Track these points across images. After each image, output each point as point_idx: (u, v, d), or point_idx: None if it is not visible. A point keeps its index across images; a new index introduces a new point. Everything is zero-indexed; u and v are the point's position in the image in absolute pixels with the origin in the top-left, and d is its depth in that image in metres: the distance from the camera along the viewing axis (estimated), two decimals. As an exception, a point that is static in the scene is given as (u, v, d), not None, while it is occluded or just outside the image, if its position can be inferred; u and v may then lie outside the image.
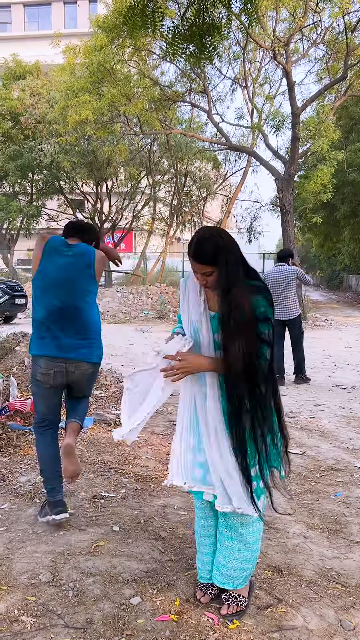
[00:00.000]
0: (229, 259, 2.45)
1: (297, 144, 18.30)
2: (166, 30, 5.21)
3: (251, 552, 2.65)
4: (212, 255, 2.43)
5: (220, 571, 2.66)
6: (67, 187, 28.21)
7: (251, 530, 2.63)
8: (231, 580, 2.65)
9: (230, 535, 2.64)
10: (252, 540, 2.64)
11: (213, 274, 2.47)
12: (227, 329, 2.43)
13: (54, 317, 3.36)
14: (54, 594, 2.72)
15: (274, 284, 8.18)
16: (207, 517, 2.74)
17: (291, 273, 8.14)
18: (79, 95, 17.97)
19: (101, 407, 6.21)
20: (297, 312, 8.38)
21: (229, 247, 2.47)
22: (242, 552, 2.63)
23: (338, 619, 2.59)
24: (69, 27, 38.27)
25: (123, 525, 3.48)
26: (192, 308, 2.61)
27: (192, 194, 29.92)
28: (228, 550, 2.64)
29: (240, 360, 2.37)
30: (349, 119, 24.05)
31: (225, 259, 2.44)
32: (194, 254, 2.47)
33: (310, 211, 22.35)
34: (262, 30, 17.54)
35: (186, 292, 2.66)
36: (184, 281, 2.70)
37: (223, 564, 2.65)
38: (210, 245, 2.44)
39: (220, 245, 2.44)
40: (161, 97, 19.36)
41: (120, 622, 2.51)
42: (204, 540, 2.77)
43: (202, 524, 2.77)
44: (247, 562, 2.65)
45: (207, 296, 2.60)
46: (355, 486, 4.26)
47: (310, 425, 6.01)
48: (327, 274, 51.63)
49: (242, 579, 2.66)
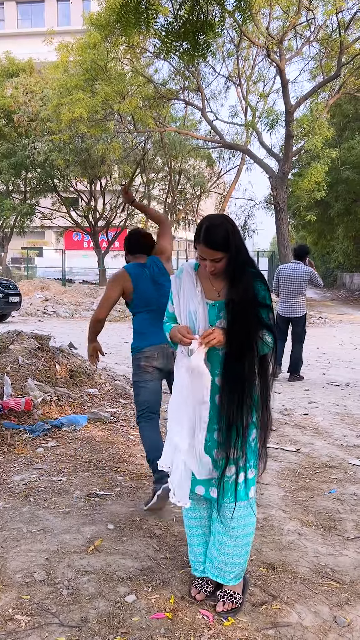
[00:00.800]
0: (238, 245, 2.50)
1: (290, 142, 18.34)
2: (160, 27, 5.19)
3: (241, 547, 2.65)
4: (223, 241, 2.46)
5: (213, 564, 2.68)
6: (61, 185, 28.18)
7: (242, 524, 2.63)
8: (223, 574, 2.65)
9: (220, 530, 2.65)
10: (241, 535, 2.64)
11: (222, 260, 2.50)
12: (235, 313, 2.47)
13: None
14: (49, 592, 2.71)
15: (287, 281, 8.17)
16: (199, 508, 2.74)
17: (306, 274, 8.12)
18: (73, 92, 17.95)
19: (95, 405, 6.21)
20: (304, 311, 8.40)
21: (238, 234, 2.52)
22: (231, 548, 2.63)
23: (333, 616, 2.60)
24: (62, 25, 38.20)
25: (118, 523, 3.48)
26: (189, 299, 2.61)
27: (186, 192, 29.96)
28: (219, 544, 2.65)
29: (241, 341, 2.45)
30: (342, 117, 24.14)
31: (235, 245, 2.48)
32: (205, 240, 2.47)
33: (304, 209, 22.42)
34: (256, 28, 17.57)
35: (180, 284, 2.66)
36: (176, 276, 2.71)
37: (215, 556, 2.67)
38: (221, 231, 2.46)
39: (230, 231, 2.48)
40: (155, 95, 19.36)
41: (115, 620, 2.51)
42: (194, 532, 2.78)
43: (192, 515, 2.77)
44: (238, 556, 2.65)
45: (203, 286, 2.62)
46: (350, 483, 4.27)
47: (304, 423, 6.02)
48: (321, 272, 51.62)
49: (235, 575, 2.66)
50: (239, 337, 2.46)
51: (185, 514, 2.81)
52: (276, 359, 2.69)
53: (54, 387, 6.19)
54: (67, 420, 5.44)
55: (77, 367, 6.96)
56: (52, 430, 5.22)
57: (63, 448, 4.86)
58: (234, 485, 2.57)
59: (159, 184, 29.72)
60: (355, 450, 5.11)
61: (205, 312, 2.58)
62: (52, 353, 6.98)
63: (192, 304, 2.60)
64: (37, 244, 44.90)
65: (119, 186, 27.67)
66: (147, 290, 3.84)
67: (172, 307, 2.73)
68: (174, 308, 2.71)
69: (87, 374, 7.02)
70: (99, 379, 7.08)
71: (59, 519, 3.50)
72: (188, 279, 2.65)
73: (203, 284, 2.63)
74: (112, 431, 5.44)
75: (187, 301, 2.62)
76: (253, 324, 2.47)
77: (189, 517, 2.79)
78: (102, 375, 7.28)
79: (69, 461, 4.55)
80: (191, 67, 19.74)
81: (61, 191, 28.62)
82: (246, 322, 2.46)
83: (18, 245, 39.13)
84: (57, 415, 5.62)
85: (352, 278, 40.58)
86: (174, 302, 2.70)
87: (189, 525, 2.80)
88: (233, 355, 2.48)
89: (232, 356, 2.48)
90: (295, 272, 8.17)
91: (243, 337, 2.46)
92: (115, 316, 18.93)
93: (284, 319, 8.31)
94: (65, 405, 5.91)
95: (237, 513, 2.61)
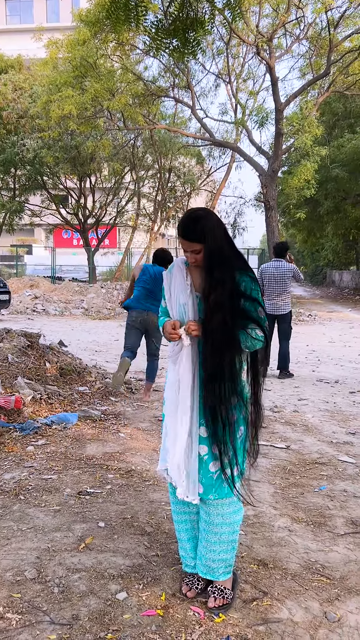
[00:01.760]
0: (216, 235, 2.53)
1: (280, 140, 18.37)
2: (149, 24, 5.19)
3: (227, 543, 2.66)
4: (200, 232, 2.51)
5: (202, 561, 2.69)
6: (51, 183, 28.05)
7: (227, 522, 2.65)
8: (211, 571, 2.67)
9: (205, 528, 2.67)
10: (226, 532, 2.65)
11: (202, 252, 2.54)
12: (207, 303, 2.52)
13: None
14: (40, 590, 2.71)
15: (271, 279, 8.22)
16: (187, 503, 2.73)
17: (289, 271, 8.21)
18: (62, 89, 17.87)
19: (86, 403, 6.20)
20: (289, 308, 8.46)
21: (215, 226, 2.55)
22: (217, 545, 2.65)
23: (323, 611, 2.61)
24: (51, 21, 38.01)
25: (109, 521, 3.47)
26: (179, 292, 2.66)
27: (176, 190, 29.92)
28: (206, 541, 2.67)
29: (218, 332, 2.48)
30: (332, 115, 24.20)
31: (212, 235, 2.52)
32: (182, 232, 2.55)
33: (293, 207, 22.47)
34: (246, 26, 17.57)
35: (171, 279, 2.72)
36: (168, 271, 2.76)
37: (203, 554, 2.68)
38: (197, 223, 2.52)
39: (206, 223, 2.53)
40: (145, 92, 19.31)
41: (107, 617, 2.51)
42: (182, 526, 2.79)
43: (180, 509, 2.78)
44: (224, 552, 2.66)
45: (194, 280, 2.66)
46: (339, 479, 4.30)
47: (294, 420, 6.05)
48: (311, 270, 51.99)
49: (223, 570, 2.67)
50: (214, 330, 2.48)
51: (174, 510, 2.81)
52: (267, 356, 2.71)
53: (44, 385, 6.17)
54: (57, 418, 5.43)
55: (67, 365, 6.94)
56: (42, 429, 5.21)
57: (53, 446, 4.85)
58: (219, 482, 2.58)
59: (149, 182, 29.65)
60: (345, 446, 5.14)
61: (194, 304, 2.62)
62: (42, 351, 6.96)
63: (182, 297, 2.64)
64: (26, 242, 44.70)
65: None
66: (146, 279, 6.47)
67: (164, 302, 2.79)
68: (166, 302, 2.76)
69: (77, 372, 7.00)
70: (89, 377, 7.07)
71: (49, 517, 3.49)
72: (179, 273, 2.69)
73: (193, 277, 2.67)
74: (103, 429, 5.43)
75: (177, 294, 2.67)
76: (230, 317, 2.48)
77: (177, 513, 2.80)
78: (92, 373, 7.27)
79: (59, 459, 4.54)
80: (181, 65, 19.70)
81: (50, 188, 28.48)
82: (221, 315, 2.48)
83: (7, 242, 38.94)
84: (47, 413, 5.61)
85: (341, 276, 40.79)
86: (165, 297, 2.75)
87: (178, 520, 2.81)
88: (209, 348, 2.51)
89: (209, 349, 2.52)
90: (279, 270, 8.24)
91: (218, 329, 2.47)
92: (105, 314, 18.90)
93: (270, 316, 8.34)
94: (56, 403, 5.89)
95: (222, 510, 2.63)
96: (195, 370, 2.59)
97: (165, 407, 2.72)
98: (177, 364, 2.62)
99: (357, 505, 3.82)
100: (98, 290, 22.35)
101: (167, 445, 2.66)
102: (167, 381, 2.75)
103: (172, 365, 2.68)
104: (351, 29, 17.54)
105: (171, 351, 2.67)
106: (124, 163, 26.32)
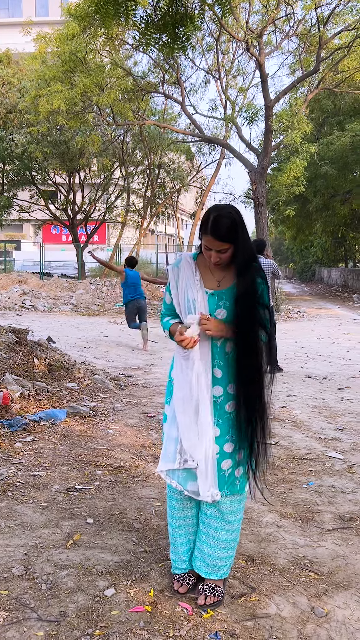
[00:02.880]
0: (245, 236, 2.49)
1: (270, 137, 18.36)
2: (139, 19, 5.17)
3: (235, 540, 2.70)
4: (230, 231, 2.44)
5: (206, 562, 2.67)
6: (39, 178, 27.85)
7: (237, 518, 2.68)
8: (216, 569, 2.67)
9: (217, 526, 2.65)
10: (237, 528, 2.70)
11: (228, 251, 2.48)
12: (243, 304, 2.48)
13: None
14: (27, 587, 2.70)
15: None
16: (184, 507, 2.73)
17: (270, 267, 8.23)
18: (51, 84, 17.74)
19: (74, 399, 6.18)
20: (272, 303, 8.47)
21: (244, 224, 2.49)
22: (227, 542, 2.66)
23: (311, 606, 2.62)
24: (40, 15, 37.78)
25: (97, 517, 3.47)
26: (187, 288, 2.59)
27: (166, 186, 29.85)
28: (215, 540, 2.65)
29: (250, 335, 2.48)
30: (321, 112, 24.24)
31: (242, 235, 2.47)
32: (212, 231, 2.44)
33: (283, 204, 22.49)
34: (235, 22, 17.54)
35: (179, 274, 2.64)
36: (174, 265, 2.68)
37: (209, 554, 2.66)
38: (228, 221, 2.44)
39: (237, 222, 2.46)
40: (134, 88, 19.22)
41: (95, 614, 2.50)
42: (179, 531, 2.76)
43: (177, 514, 2.75)
44: (232, 549, 2.70)
45: (202, 276, 2.61)
46: (327, 475, 4.32)
47: (283, 416, 6.07)
48: (300, 267, 52.13)
49: (227, 568, 2.70)
50: (247, 330, 2.47)
51: (172, 514, 2.78)
52: (270, 355, 2.71)
53: (32, 382, 6.14)
54: (45, 415, 5.41)
55: (55, 362, 6.91)
56: (31, 425, 5.18)
57: (41, 442, 4.83)
58: (231, 479, 2.59)
59: (138, 178, 29.55)
60: (333, 442, 5.16)
61: (204, 300, 2.56)
62: (31, 347, 6.93)
63: (190, 292, 2.58)
64: (14, 237, 44.45)
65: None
66: (130, 280, 10.45)
67: (170, 298, 2.70)
68: (172, 298, 2.68)
69: (65, 368, 6.98)
70: (78, 373, 7.05)
71: (37, 514, 3.48)
72: (187, 267, 2.63)
73: (202, 273, 2.61)
74: (91, 425, 5.42)
75: (185, 290, 2.60)
76: (257, 318, 2.49)
77: (175, 517, 2.76)
78: (80, 369, 7.24)
79: (47, 456, 4.52)
80: (171, 60, 19.63)
81: (39, 184, 28.29)
82: (252, 315, 2.48)
83: (-5, 238, 38.69)
84: (36, 409, 5.58)
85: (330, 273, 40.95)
86: (171, 293, 2.67)
87: (173, 525, 2.77)
88: (243, 349, 2.49)
89: (243, 351, 2.50)
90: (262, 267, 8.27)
91: (250, 329, 2.47)
92: (94, 310, 18.84)
93: None
94: (44, 399, 5.87)
95: (233, 507, 2.64)
96: (209, 367, 2.56)
97: (177, 406, 2.62)
98: (190, 362, 2.55)
99: (345, 500, 3.84)
100: (87, 286, 22.28)
101: (186, 446, 2.57)
102: (175, 379, 2.66)
103: (183, 363, 2.60)
104: (340, 26, 17.56)
105: (181, 349, 2.60)
106: (113, 159, 26.20)
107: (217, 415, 2.56)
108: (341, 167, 22.53)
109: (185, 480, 2.60)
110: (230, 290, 2.55)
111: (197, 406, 2.53)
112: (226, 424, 2.57)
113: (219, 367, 2.56)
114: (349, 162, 22.05)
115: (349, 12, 17.04)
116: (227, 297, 2.55)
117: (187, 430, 2.56)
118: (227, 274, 2.58)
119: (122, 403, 6.38)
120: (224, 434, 2.57)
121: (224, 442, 2.57)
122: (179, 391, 2.61)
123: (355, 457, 4.76)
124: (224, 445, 2.58)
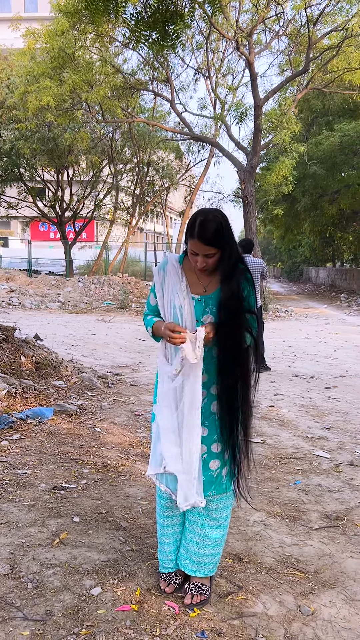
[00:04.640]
0: (231, 240, 2.46)
1: (259, 136, 18.39)
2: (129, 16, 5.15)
3: (222, 535, 2.70)
4: (217, 235, 2.40)
5: (192, 560, 2.67)
6: (27, 175, 27.69)
7: (224, 515, 2.68)
8: (202, 567, 2.66)
9: (202, 523, 2.65)
10: (224, 524, 2.69)
11: (214, 256, 2.45)
12: (229, 309, 2.44)
13: None
14: (13, 586, 2.68)
15: None
16: (172, 508, 2.72)
17: (259, 266, 8.22)
18: (40, 80, 17.63)
19: (62, 397, 6.15)
20: (259, 303, 8.48)
21: (230, 229, 2.47)
22: (214, 539, 2.66)
23: (297, 605, 2.63)
24: (29, 11, 37.53)
25: (84, 516, 3.45)
26: (173, 292, 2.55)
27: (155, 184, 29.79)
28: (201, 538, 2.65)
29: (237, 341, 2.46)
30: (310, 112, 24.32)
31: (229, 240, 2.45)
32: (199, 235, 2.40)
33: (271, 203, 22.57)
34: (225, 20, 17.54)
35: (165, 277, 2.59)
36: (159, 268, 2.62)
37: (195, 551, 2.66)
38: (215, 225, 2.40)
39: (223, 226, 2.43)
40: (123, 85, 19.17)
41: (81, 613, 2.49)
42: (166, 531, 2.76)
43: (165, 514, 2.75)
44: (218, 546, 2.69)
45: (189, 280, 2.56)
46: (314, 474, 4.33)
47: (270, 415, 6.08)
48: (288, 266, 52.32)
49: (213, 565, 2.69)
50: (232, 334, 2.44)
51: (160, 514, 2.77)
52: (257, 356, 2.68)
53: (19, 379, 6.11)
54: (32, 413, 5.38)
55: (43, 359, 6.88)
56: (17, 423, 5.15)
57: (28, 441, 4.80)
58: (218, 478, 2.59)
59: (127, 175, 29.47)
60: (320, 441, 5.18)
61: (191, 307, 2.52)
62: (18, 345, 6.88)
63: (177, 299, 2.53)
64: (2, 234, 44.20)
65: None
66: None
67: (155, 300, 2.66)
68: (157, 301, 2.64)
69: (53, 366, 6.95)
70: (65, 371, 7.02)
71: (23, 512, 3.46)
72: (173, 272, 2.57)
73: (188, 277, 2.57)
74: (79, 424, 5.39)
75: (171, 296, 2.55)
76: (243, 322, 2.47)
77: (164, 517, 2.76)
78: (68, 367, 7.21)
79: (34, 454, 4.50)
80: (160, 58, 19.58)
81: (27, 181, 28.11)
82: (239, 319, 2.45)
83: (-17, 235, 38.42)
84: (22, 407, 5.55)
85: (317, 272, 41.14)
86: (157, 295, 2.62)
87: (162, 525, 2.77)
88: (229, 357, 2.46)
89: (229, 359, 2.47)
90: (252, 266, 8.26)
91: (236, 333, 2.45)
92: (82, 308, 18.78)
93: None
94: (31, 397, 5.84)
95: (220, 505, 2.65)
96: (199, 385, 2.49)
97: (162, 418, 2.57)
98: (184, 379, 2.49)
99: (332, 499, 3.85)
100: (75, 284, 22.20)
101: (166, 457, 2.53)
102: (160, 393, 2.61)
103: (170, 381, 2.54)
104: (330, 26, 17.62)
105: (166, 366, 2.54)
106: (102, 156, 26.10)
107: (203, 417, 2.54)
108: (329, 167, 22.62)
109: (173, 483, 2.59)
110: (217, 295, 2.52)
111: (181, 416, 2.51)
112: (213, 425, 2.57)
113: (206, 372, 2.53)
114: (338, 162, 22.13)
115: (338, 12, 17.09)
116: (213, 302, 2.52)
117: (167, 440, 2.53)
118: (213, 278, 2.55)
119: (109, 401, 6.36)
120: (211, 434, 2.57)
121: (211, 442, 2.57)
122: (163, 407, 2.57)
123: (341, 456, 4.79)
124: (212, 446, 2.57)
